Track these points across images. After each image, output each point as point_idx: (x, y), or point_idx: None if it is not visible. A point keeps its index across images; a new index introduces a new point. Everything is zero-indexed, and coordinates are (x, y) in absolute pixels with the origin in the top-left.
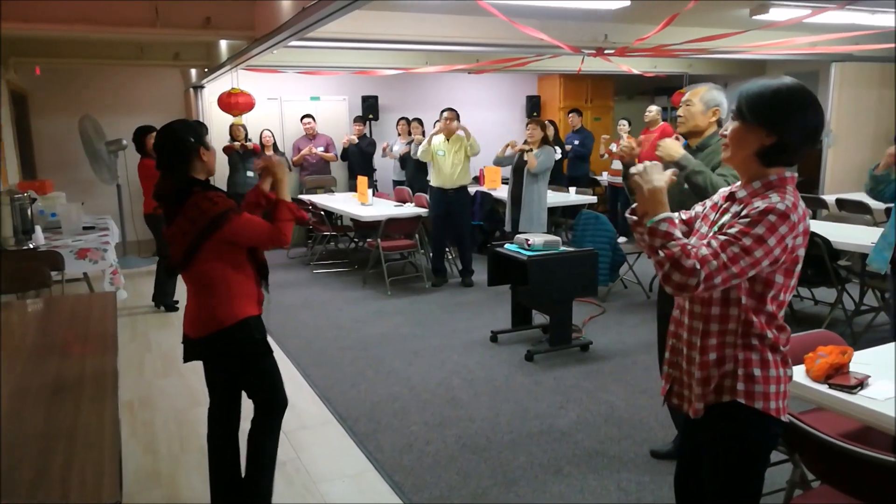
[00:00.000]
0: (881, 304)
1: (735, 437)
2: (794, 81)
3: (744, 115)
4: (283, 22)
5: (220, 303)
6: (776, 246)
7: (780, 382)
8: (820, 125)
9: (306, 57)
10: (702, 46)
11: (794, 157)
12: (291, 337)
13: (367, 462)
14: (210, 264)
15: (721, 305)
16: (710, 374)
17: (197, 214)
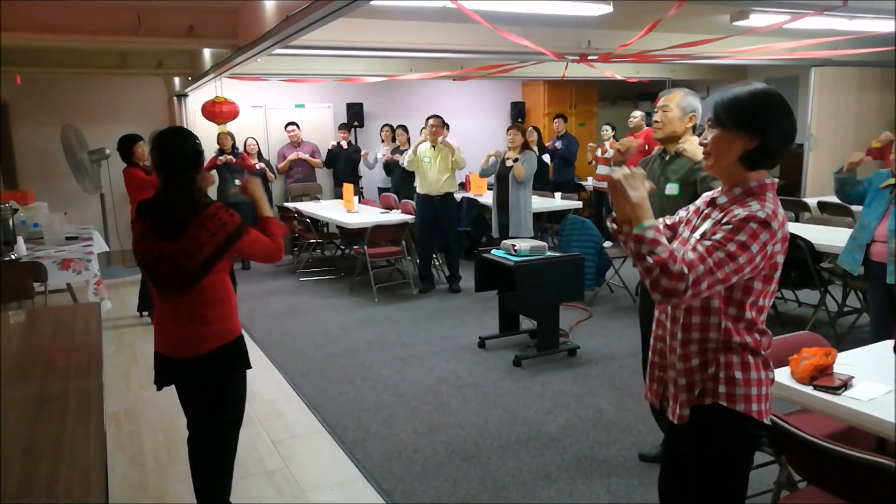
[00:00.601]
0: (863, 306)
1: (717, 440)
2: (765, 86)
3: (723, 121)
4: (267, 30)
5: (224, 317)
6: (758, 253)
7: (762, 385)
8: (795, 127)
9: (291, 65)
10: (684, 52)
11: (776, 159)
12: (278, 345)
13: (355, 470)
14: (214, 278)
15: (701, 314)
16: (694, 379)
17: (217, 226)
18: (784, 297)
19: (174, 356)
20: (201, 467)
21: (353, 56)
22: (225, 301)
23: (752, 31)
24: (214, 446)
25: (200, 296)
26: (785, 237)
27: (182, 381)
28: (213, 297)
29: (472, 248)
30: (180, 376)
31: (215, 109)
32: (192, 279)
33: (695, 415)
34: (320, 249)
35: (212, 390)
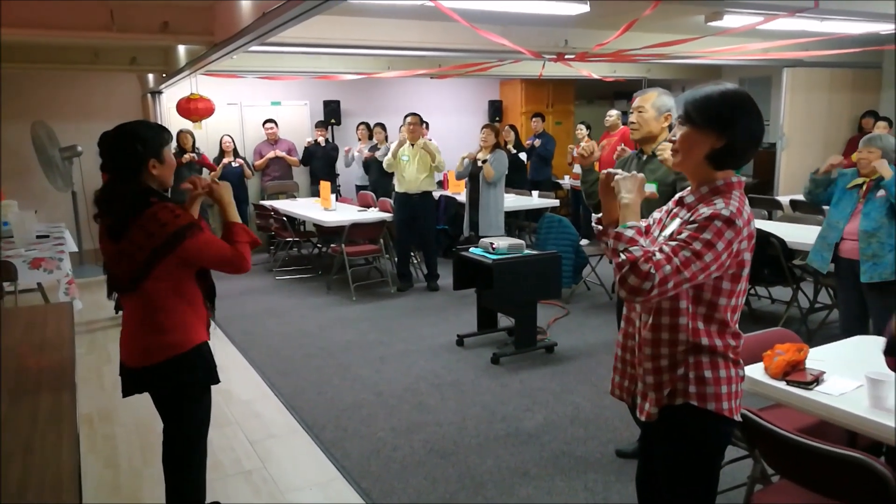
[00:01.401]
0: (834, 302)
1: (689, 439)
2: (736, 87)
3: (693, 119)
4: (243, 27)
5: (172, 327)
6: (724, 250)
7: (732, 382)
8: (762, 128)
9: (267, 62)
10: (659, 52)
11: (742, 160)
12: (255, 345)
13: (334, 470)
14: (162, 284)
15: (670, 315)
16: (663, 379)
17: (156, 228)
18: (757, 293)
19: (127, 363)
20: (168, 470)
21: (330, 53)
22: (172, 309)
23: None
24: (179, 452)
25: (151, 302)
26: (751, 234)
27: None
28: (159, 304)
29: (451, 246)
30: (135, 387)
31: (190, 106)
32: (130, 282)
33: (665, 415)
34: (297, 248)
35: (166, 402)
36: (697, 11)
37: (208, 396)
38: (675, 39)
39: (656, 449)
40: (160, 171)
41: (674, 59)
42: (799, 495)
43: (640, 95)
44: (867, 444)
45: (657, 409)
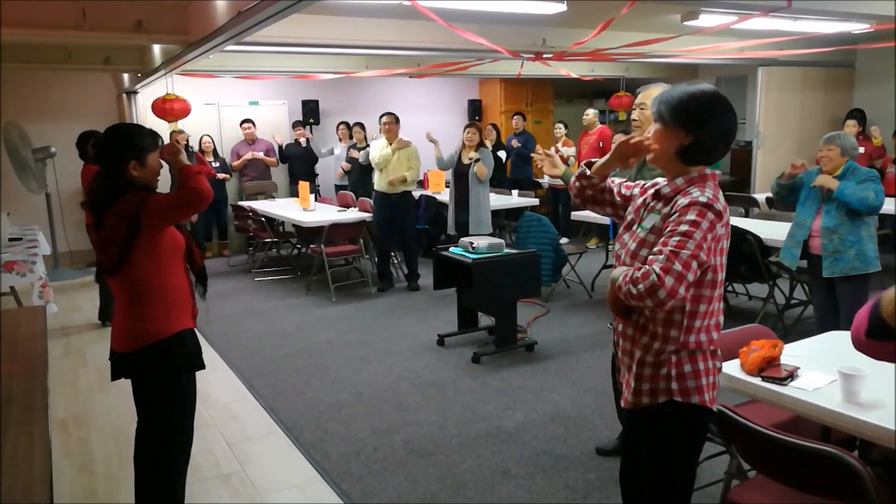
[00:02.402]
0: (809, 298)
1: (671, 433)
2: (710, 87)
3: (664, 118)
4: (219, 26)
5: (154, 313)
6: (707, 231)
7: (709, 374)
8: (733, 127)
9: (244, 61)
10: (637, 50)
11: (711, 157)
12: (234, 347)
13: (314, 471)
14: (145, 269)
15: (664, 325)
16: (644, 372)
17: (124, 208)
18: (735, 290)
19: (114, 348)
20: (139, 467)
21: (308, 53)
22: (155, 295)
23: (702, 30)
24: (154, 445)
25: (133, 287)
26: (728, 223)
27: (127, 377)
28: (142, 289)
29: (431, 245)
30: (121, 371)
31: (166, 107)
32: (114, 265)
33: (649, 413)
34: (276, 249)
35: (146, 389)
36: (673, 11)
37: (191, 388)
38: (652, 38)
39: (640, 443)
40: (140, 173)
41: (651, 59)
42: (774, 490)
43: (642, 91)
44: (841, 439)
45: (633, 399)
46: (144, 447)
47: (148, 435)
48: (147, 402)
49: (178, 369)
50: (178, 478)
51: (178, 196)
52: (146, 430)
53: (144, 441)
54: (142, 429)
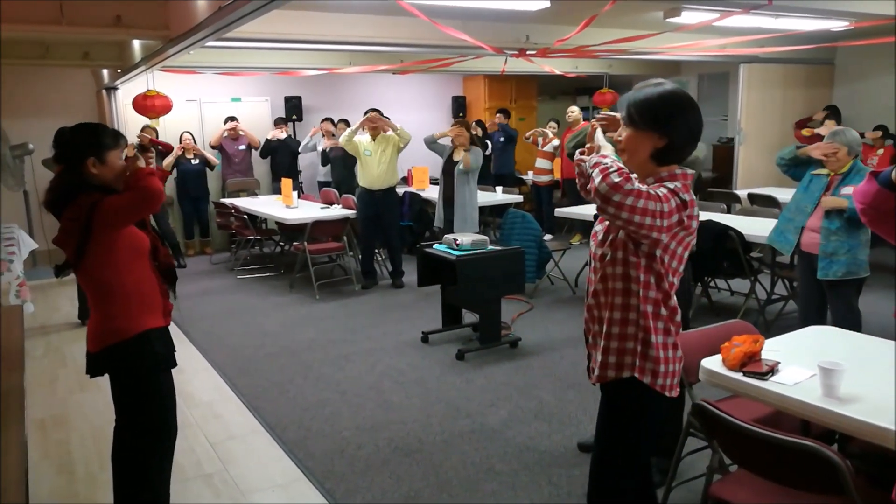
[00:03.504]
0: (790, 293)
1: (625, 410)
2: (675, 86)
3: (635, 121)
4: (199, 21)
5: (119, 313)
6: (674, 211)
7: (669, 362)
8: (700, 124)
9: (226, 57)
10: (619, 47)
11: (683, 155)
12: (216, 346)
13: (297, 470)
14: (106, 269)
15: (622, 295)
16: (611, 345)
17: (77, 211)
18: (717, 286)
19: (88, 346)
20: (117, 466)
21: (290, 49)
22: (118, 295)
23: (684, 27)
24: (130, 446)
25: (97, 287)
26: (695, 217)
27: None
28: (106, 289)
29: (415, 242)
30: (94, 369)
31: (147, 103)
32: (72, 264)
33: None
34: (259, 246)
35: (121, 388)
36: (656, 8)
37: (166, 386)
38: (635, 35)
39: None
40: (100, 170)
41: (634, 55)
42: (755, 484)
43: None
44: (820, 433)
45: (601, 373)
46: (122, 446)
47: (125, 433)
48: (124, 401)
49: (147, 368)
50: (159, 476)
51: (129, 197)
52: (123, 429)
53: (121, 439)
54: (119, 427)
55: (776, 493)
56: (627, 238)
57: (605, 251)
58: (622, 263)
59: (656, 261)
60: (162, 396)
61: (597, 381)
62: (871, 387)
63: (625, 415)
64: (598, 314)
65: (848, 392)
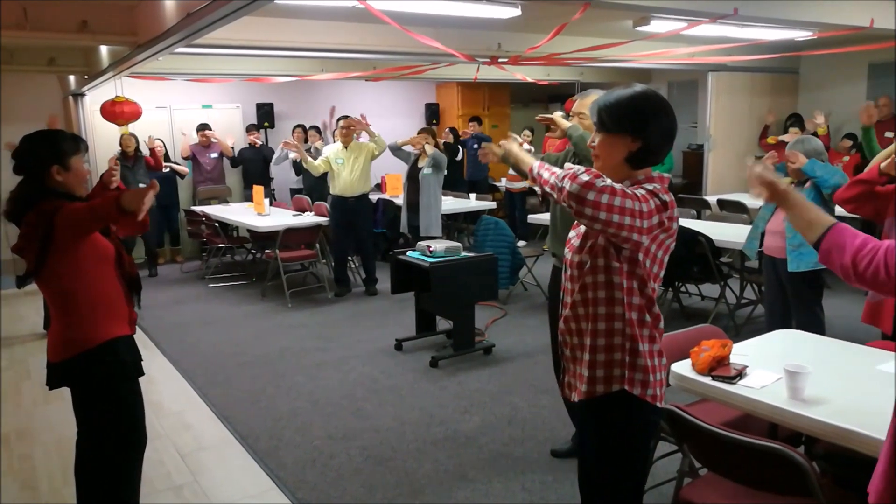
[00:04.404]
0: (758, 297)
1: (618, 426)
2: (646, 87)
3: (607, 125)
4: (168, 27)
5: (83, 321)
6: (653, 212)
7: (657, 371)
8: (675, 125)
9: (196, 64)
10: (590, 55)
11: (659, 157)
12: (187, 355)
13: (268, 480)
14: (68, 277)
15: (606, 304)
16: (597, 358)
17: (38, 218)
18: (688, 291)
19: (48, 357)
20: (81, 478)
21: (261, 56)
22: (82, 304)
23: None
24: (97, 458)
25: (59, 296)
26: (675, 218)
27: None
28: (68, 297)
29: (389, 249)
30: (56, 381)
31: (115, 110)
32: (33, 272)
33: (600, 403)
34: (230, 254)
35: (85, 399)
36: (625, 16)
37: (134, 396)
38: (605, 43)
39: (586, 439)
40: (64, 177)
41: (605, 63)
42: (725, 487)
43: (579, 99)
44: (787, 435)
45: (587, 388)
46: (87, 459)
47: (88, 445)
48: (89, 412)
49: (115, 377)
50: (128, 489)
51: (90, 207)
52: (86, 441)
53: (85, 452)
54: (83, 439)
55: (745, 496)
56: (608, 243)
57: (584, 258)
58: (604, 271)
59: (639, 265)
60: (130, 406)
61: (584, 397)
62: (836, 389)
63: (616, 430)
64: (578, 326)
65: (813, 394)
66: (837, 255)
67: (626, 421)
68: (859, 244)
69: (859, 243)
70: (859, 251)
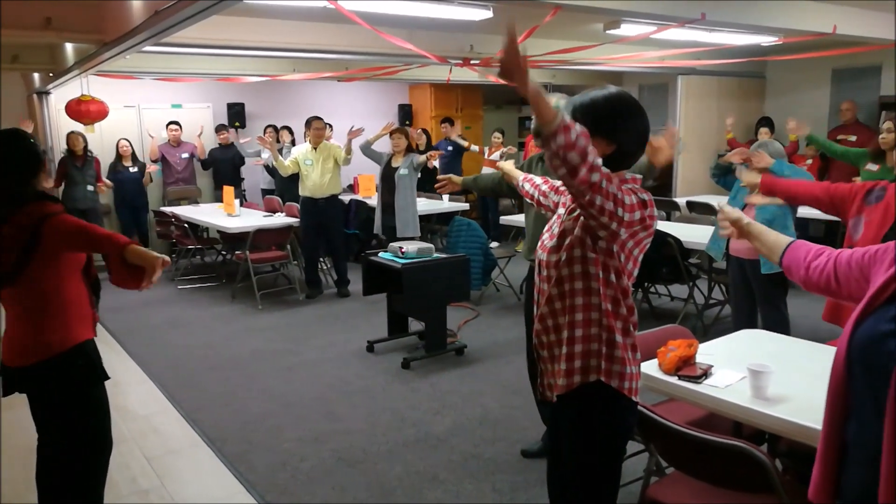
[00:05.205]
0: (726, 298)
1: (595, 418)
2: (619, 89)
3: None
4: (135, 25)
5: (54, 325)
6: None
7: (630, 364)
8: (648, 127)
9: (165, 63)
10: (561, 58)
11: (632, 161)
12: (156, 358)
13: (238, 484)
14: (46, 281)
15: (583, 295)
16: (575, 350)
17: (26, 220)
18: (657, 292)
19: (7, 363)
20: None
21: (232, 55)
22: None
23: (623, 39)
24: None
25: (30, 297)
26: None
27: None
28: (41, 299)
29: (362, 250)
30: (13, 387)
31: (81, 109)
32: (9, 275)
33: (577, 393)
34: (200, 256)
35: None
36: (596, 20)
37: (103, 398)
38: (576, 46)
39: (563, 435)
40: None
41: (576, 66)
42: (690, 485)
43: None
44: (751, 433)
45: (566, 382)
46: (51, 465)
47: (53, 450)
48: (56, 417)
49: (88, 380)
50: (93, 494)
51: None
52: (52, 446)
53: (49, 457)
54: (46, 445)
55: (710, 494)
56: (584, 233)
57: (561, 255)
58: (580, 261)
59: (613, 256)
60: (100, 409)
61: (563, 390)
62: (799, 388)
63: (595, 423)
64: (555, 322)
65: (776, 393)
66: (796, 270)
67: (603, 413)
68: (812, 257)
69: (812, 256)
70: (812, 263)
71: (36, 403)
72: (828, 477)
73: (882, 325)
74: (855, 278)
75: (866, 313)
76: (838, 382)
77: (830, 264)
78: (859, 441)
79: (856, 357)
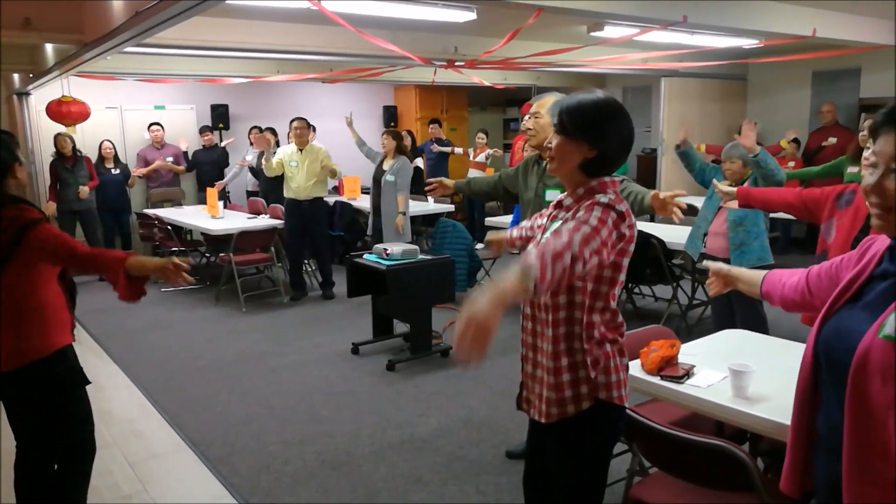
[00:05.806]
0: (709, 298)
1: (589, 433)
2: (607, 94)
3: (567, 129)
4: (116, 26)
5: (32, 331)
6: (613, 229)
7: (619, 371)
8: (632, 134)
9: (148, 64)
10: (545, 60)
11: (614, 166)
12: (139, 362)
13: (221, 488)
14: (23, 287)
15: (566, 309)
16: (562, 379)
17: (6, 225)
18: (641, 292)
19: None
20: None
21: (215, 56)
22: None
23: (607, 41)
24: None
25: (9, 307)
26: (633, 225)
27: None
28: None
29: (347, 252)
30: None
31: (62, 110)
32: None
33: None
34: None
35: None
36: (580, 22)
37: (85, 403)
38: (560, 48)
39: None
40: (22, 174)
41: (560, 68)
42: (673, 485)
43: (536, 100)
44: (733, 433)
45: (556, 409)
46: (32, 470)
47: (33, 457)
48: (37, 423)
49: (70, 384)
50: (78, 498)
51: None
52: (33, 452)
53: (29, 464)
54: (26, 452)
55: (693, 493)
56: None
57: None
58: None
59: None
60: (82, 414)
61: (556, 419)
62: (779, 387)
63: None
64: (540, 331)
65: (757, 392)
66: (775, 293)
67: (597, 430)
68: (786, 277)
69: (786, 276)
70: (787, 283)
71: (14, 412)
72: (797, 468)
73: (845, 322)
74: (825, 287)
75: (832, 311)
76: (807, 376)
77: (803, 280)
78: (827, 432)
79: (821, 351)
